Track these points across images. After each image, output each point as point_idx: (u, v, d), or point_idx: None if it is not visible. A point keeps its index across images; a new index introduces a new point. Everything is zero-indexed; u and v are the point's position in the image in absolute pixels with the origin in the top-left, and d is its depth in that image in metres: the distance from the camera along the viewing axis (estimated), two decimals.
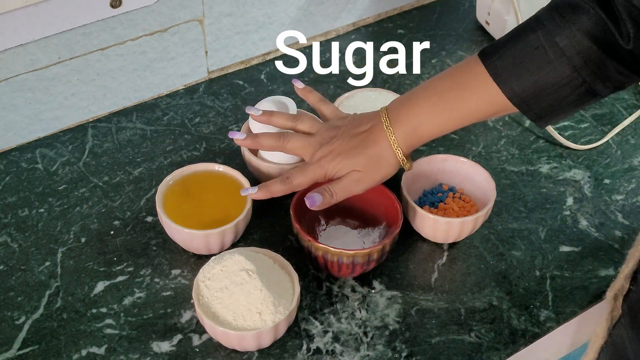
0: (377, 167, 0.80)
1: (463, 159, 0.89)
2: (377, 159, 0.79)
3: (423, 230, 0.86)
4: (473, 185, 0.89)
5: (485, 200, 0.86)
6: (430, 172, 0.89)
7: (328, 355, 0.77)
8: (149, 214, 0.89)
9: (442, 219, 0.83)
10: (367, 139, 0.79)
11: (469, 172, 0.89)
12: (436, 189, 0.89)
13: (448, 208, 0.86)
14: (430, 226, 0.84)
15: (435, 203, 0.87)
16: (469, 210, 0.86)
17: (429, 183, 0.89)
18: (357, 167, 0.79)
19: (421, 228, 0.86)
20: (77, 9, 0.89)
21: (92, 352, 0.76)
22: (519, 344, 0.79)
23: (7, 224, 0.87)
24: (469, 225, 0.83)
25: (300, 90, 0.90)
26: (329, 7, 1.12)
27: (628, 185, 0.95)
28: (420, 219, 0.84)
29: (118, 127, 1.00)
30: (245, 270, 0.76)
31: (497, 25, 1.15)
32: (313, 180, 0.81)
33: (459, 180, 0.90)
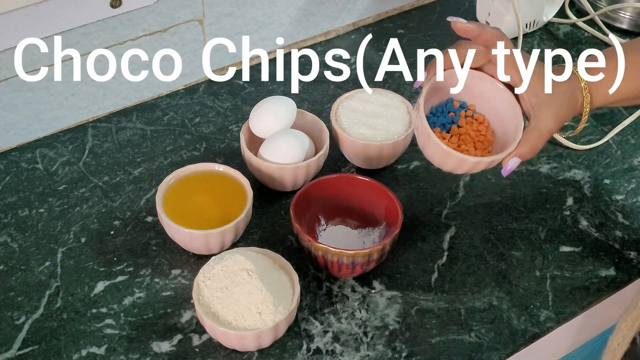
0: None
1: (481, 74, 0.78)
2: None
3: (432, 159, 0.77)
4: (489, 105, 0.79)
5: (502, 123, 0.78)
6: (441, 87, 0.78)
7: (328, 355, 0.77)
8: (149, 214, 0.89)
9: (455, 154, 0.74)
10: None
11: (485, 89, 0.78)
12: (446, 106, 0.79)
13: (463, 133, 0.78)
14: (441, 158, 0.75)
15: (447, 125, 0.78)
16: (484, 134, 0.78)
17: (436, 99, 0.79)
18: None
19: (430, 156, 0.76)
20: (77, 9, 0.89)
21: (92, 352, 0.76)
22: (519, 344, 0.79)
23: (7, 224, 0.87)
24: (483, 165, 0.76)
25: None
26: (329, 7, 1.12)
27: (628, 185, 0.95)
28: (432, 147, 0.75)
29: (118, 127, 1.00)
30: (245, 270, 0.76)
31: (497, 25, 1.14)
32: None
33: (472, 96, 0.79)
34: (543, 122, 0.74)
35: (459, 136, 0.78)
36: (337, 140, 0.93)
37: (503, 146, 0.77)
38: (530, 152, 0.75)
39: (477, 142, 0.78)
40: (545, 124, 0.74)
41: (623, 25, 1.19)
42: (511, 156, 0.74)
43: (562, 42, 1.16)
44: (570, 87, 0.76)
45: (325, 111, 1.02)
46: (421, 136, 0.75)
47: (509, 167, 0.75)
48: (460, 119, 0.78)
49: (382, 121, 0.92)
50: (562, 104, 0.75)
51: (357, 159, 0.93)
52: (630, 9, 1.18)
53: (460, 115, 0.79)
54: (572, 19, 1.19)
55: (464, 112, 0.79)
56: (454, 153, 0.73)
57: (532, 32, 1.17)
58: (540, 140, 0.75)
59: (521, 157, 0.75)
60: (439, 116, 0.78)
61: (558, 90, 0.75)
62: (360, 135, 0.91)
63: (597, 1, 1.21)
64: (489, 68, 0.77)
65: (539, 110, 0.74)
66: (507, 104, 0.77)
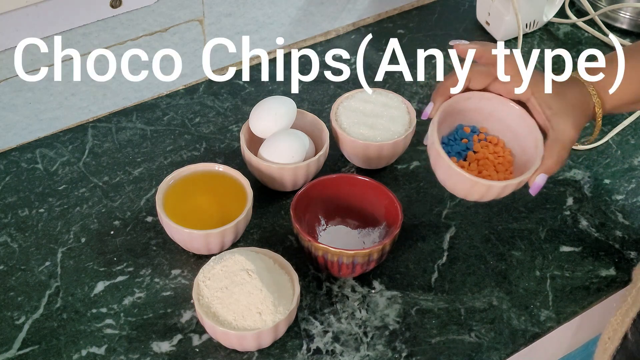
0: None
1: (489, 94, 0.75)
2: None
3: (455, 190, 0.74)
4: (501, 124, 0.76)
5: (519, 140, 0.75)
6: (449, 114, 0.75)
7: (328, 355, 0.77)
8: (149, 214, 0.89)
9: (482, 182, 0.70)
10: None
11: (495, 109, 0.76)
12: (457, 133, 0.77)
13: (481, 158, 0.75)
14: (466, 188, 0.72)
15: (463, 152, 0.75)
16: (502, 155, 0.76)
17: (446, 128, 0.77)
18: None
19: (453, 188, 0.74)
20: (77, 9, 0.89)
21: (92, 352, 0.76)
22: (519, 344, 0.79)
23: (7, 224, 0.87)
24: (511, 188, 0.73)
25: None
26: (329, 7, 1.12)
27: (628, 185, 0.95)
28: (455, 178, 0.71)
29: (118, 127, 1.00)
30: (245, 270, 0.76)
31: (497, 25, 1.15)
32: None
33: (482, 118, 0.77)
34: (563, 132, 0.73)
35: (477, 162, 0.75)
36: (337, 140, 0.93)
37: (525, 164, 0.74)
38: (556, 165, 0.73)
39: (497, 165, 0.75)
40: (566, 133, 0.73)
41: (623, 25, 1.19)
42: (537, 173, 0.72)
43: (562, 42, 1.16)
44: (580, 94, 0.75)
45: (325, 111, 1.02)
46: (440, 169, 0.72)
47: (536, 185, 0.73)
48: (475, 144, 0.76)
49: (382, 121, 0.92)
50: (576, 110, 0.74)
51: (357, 159, 0.93)
52: (630, 9, 1.18)
53: (473, 140, 0.76)
54: (572, 19, 1.19)
55: (476, 136, 0.77)
56: (480, 181, 0.70)
57: (532, 32, 1.17)
58: (564, 152, 0.73)
59: (548, 172, 0.73)
60: (452, 145, 0.75)
61: (569, 98, 0.74)
62: (360, 135, 0.91)
63: (597, 1, 1.21)
64: (496, 86, 0.75)
65: (556, 121, 0.73)
66: (520, 120, 0.75)
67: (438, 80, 0.76)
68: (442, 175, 0.73)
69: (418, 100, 1.05)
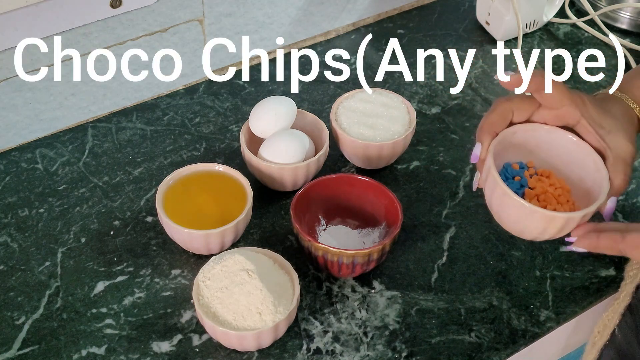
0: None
1: (533, 125, 0.72)
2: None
3: (526, 232, 0.70)
4: (550, 153, 0.73)
5: (573, 167, 0.72)
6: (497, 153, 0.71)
7: (328, 355, 0.77)
8: (149, 214, 0.89)
9: (560, 215, 0.67)
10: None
11: (543, 139, 0.73)
12: (507, 171, 0.73)
13: (541, 193, 0.71)
14: (541, 226, 0.68)
15: (519, 191, 0.71)
16: (560, 186, 0.72)
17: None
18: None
19: (524, 230, 0.70)
20: (77, 9, 0.89)
21: (92, 352, 0.76)
22: (519, 344, 0.79)
23: (7, 224, 0.87)
24: (588, 217, 0.69)
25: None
26: (329, 7, 1.12)
27: (628, 186, 0.95)
28: (529, 218, 0.68)
29: (118, 127, 1.00)
30: (245, 270, 0.76)
31: (497, 25, 1.15)
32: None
33: (528, 152, 0.73)
34: (622, 149, 0.70)
35: (537, 198, 0.71)
36: (337, 140, 0.93)
37: (586, 190, 0.72)
38: (624, 185, 0.70)
39: (558, 197, 0.72)
40: (625, 149, 0.70)
41: (623, 25, 1.19)
42: (608, 196, 0.69)
43: (562, 42, 1.16)
44: (624, 108, 0.73)
45: (325, 111, 1.02)
46: (510, 212, 0.68)
47: (609, 210, 0.70)
48: (529, 180, 0.72)
49: (382, 121, 0.92)
50: (627, 125, 0.72)
51: (357, 158, 0.93)
52: (630, 9, 1.18)
53: (525, 176, 0.73)
54: (572, 19, 1.19)
55: (526, 172, 0.73)
56: (559, 215, 0.67)
57: (532, 32, 1.17)
58: (628, 169, 0.70)
59: (617, 193, 0.70)
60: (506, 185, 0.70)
61: (616, 114, 0.72)
62: (360, 135, 0.91)
63: (597, 1, 1.21)
64: (540, 115, 0.72)
65: (611, 139, 0.70)
66: (573, 146, 0.72)
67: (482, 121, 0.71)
68: (511, 218, 0.69)
69: (418, 100, 1.05)
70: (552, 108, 0.71)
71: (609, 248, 0.66)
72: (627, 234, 0.65)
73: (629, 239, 0.65)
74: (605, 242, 0.66)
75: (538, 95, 0.71)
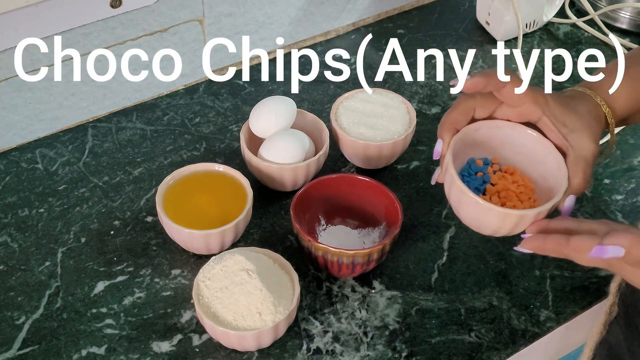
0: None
1: (497, 122, 0.72)
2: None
3: (483, 228, 0.70)
4: (514, 151, 0.73)
5: (535, 165, 0.72)
6: (459, 149, 0.72)
7: (328, 355, 0.77)
8: (149, 214, 0.89)
9: (513, 213, 0.67)
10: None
11: (507, 136, 0.73)
12: (470, 167, 0.73)
13: (502, 189, 0.71)
14: (496, 223, 0.68)
15: (480, 187, 0.72)
16: (522, 183, 0.72)
17: (457, 164, 0.72)
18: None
19: (480, 226, 0.70)
20: (77, 9, 0.89)
21: (92, 352, 0.76)
22: (519, 344, 0.79)
23: (7, 224, 0.87)
24: (543, 215, 0.68)
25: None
26: (329, 7, 1.12)
27: (628, 185, 0.95)
28: (484, 214, 0.68)
29: (118, 127, 1.00)
30: (245, 270, 0.76)
31: (497, 25, 1.15)
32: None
33: (492, 149, 0.73)
34: (583, 148, 0.69)
35: (498, 194, 0.71)
36: (337, 140, 0.93)
37: (548, 189, 0.71)
38: (584, 184, 0.69)
39: (520, 195, 0.71)
40: (587, 149, 0.69)
41: (623, 25, 1.19)
42: (566, 195, 0.69)
43: (562, 42, 1.16)
44: (591, 106, 0.73)
45: (325, 111, 1.02)
46: (466, 208, 0.68)
47: (567, 208, 0.69)
48: (492, 176, 0.72)
49: (382, 121, 0.92)
50: (591, 124, 0.71)
51: (357, 158, 0.93)
52: (630, 9, 1.18)
53: (488, 173, 0.72)
54: (572, 19, 1.19)
55: (490, 168, 0.73)
56: (513, 212, 0.66)
57: (532, 32, 1.17)
58: (588, 168, 0.69)
59: (576, 192, 0.69)
60: (467, 181, 0.71)
61: (582, 112, 0.71)
62: (360, 135, 0.91)
63: (597, 1, 1.21)
64: (503, 112, 0.72)
65: (573, 138, 0.70)
66: (536, 144, 0.72)
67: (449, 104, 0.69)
68: (468, 214, 0.69)
69: (418, 100, 1.05)
70: (513, 105, 0.71)
71: (554, 251, 0.64)
72: (572, 239, 0.62)
73: (573, 243, 0.62)
74: (551, 245, 0.64)
75: (498, 93, 0.70)
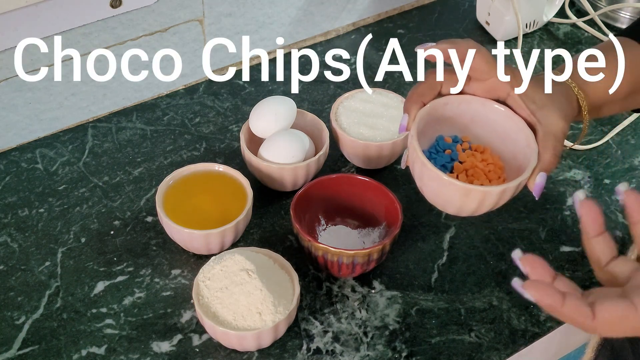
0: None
1: (467, 97, 0.69)
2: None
3: (447, 205, 0.67)
4: (485, 128, 0.70)
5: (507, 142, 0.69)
6: (427, 124, 0.68)
7: (328, 355, 0.77)
8: (149, 214, 0.89)
9: (475, 188, 0.64)
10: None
11: (477, 112, 0.70)
12: (438, 144, 0.70)
13: (470, 167, 0.68)
14: (459, 199, 0.65)
15: (448, 165, 0.68)
16: (492, 162, 0.69)
17: (425, 141, 0.69)
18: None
19: (445, 203, 0.67)
20: (77, 9, 0.89)
21: (92, 352, 0.76)
22: (519, 344, 0.79)
23: (7, 224, 0.87)
24: (509, 193, 0.66)
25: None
26: (329, 7, 1.12)
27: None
28: (446, 190, 0.64)
29: (118, 127, 1.00)
30: (245, 270, 0.76)
31: (497, 25, 1.15)
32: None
33: (462, 126, 0.70)
34: (552, 124, 0.68)
35: (465, 172, 0.68)
36: (337, 140, 0.93)
37: (518, 167, 0.68)
38: (554, 160, 0.67)
39: (488, 173, 0.69)
40: (556, 125, 0.68)
41: (623, 25, 1.19)
42: (536, 172, 0.66)
43: (562, 42, 1.16)
44: (560, 86, 0.71)
45: (325, 111, 1.02)
46: (428, 184, 0.65)
47: (538, 186, 0.67)
48: (460, 154, 0.69)
49: (382, 121, 0.92)
50: (561, 101, 0.69)
51: (357, 158, 0.93)
52: (630, 9, 1.18)
53: (457, 150, 0.69)
54: (572, 19, 1.19)
55: (459, 145, 0.70)
56: (476, 188, 0.63)
57: (532, 32, 1.17)
58: (558, 145, 0.67)
59: (546, 169, 0.67)
60: (435, 158, 0.68)
61: (552, 89, 0.70)
62: (360, 135, 0.91)
63: (597, 1, 1.21)
64: (472, 87, 0.70)
65: (542, 114, 0.68)
66: (506, 120, 0.69)
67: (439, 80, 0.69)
68: (431, 190, 0.66)
69: None
70: (481, 79, 0.69)
71: (574, 321, 0.54)
72: (598, 309, 0.54)
73: (602, 316, 0.53)
74: (571, 313, 0.54)
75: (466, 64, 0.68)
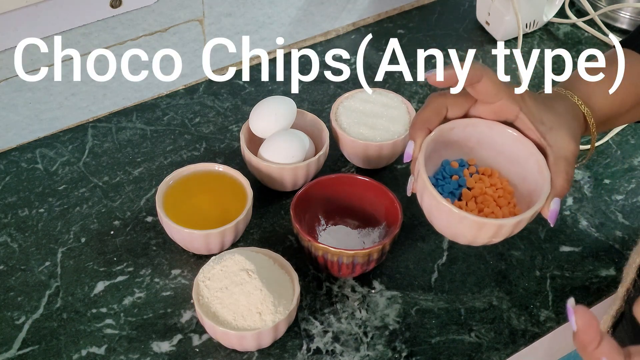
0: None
1: (472, 120, 0.66)
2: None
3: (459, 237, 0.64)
4: (492, 152, 0.67)
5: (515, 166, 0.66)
6: (433, 150, 0.66)
7: (328, 355, 0.77)
8: (149, 214, 0.89)
9: (490, 222, 0.61)
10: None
11: (484, 135, 0.66)
12: (445, 170, 0.67)
13: (479, 194, 0.65)
14: (472, 232, 0.62)
15: (456, 192, 0.66)
16: (501, 186, 0.67)
17: (430, 167, 0.66)
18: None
19: (457, 236, 0.64)
20: (77, 9, 0.89)
21: (92, 352, 0.76)
22: (519, 344, 0.79)
23: (7, 224, 0.87)
24: (524, 223, 0.64)
25: None
26: (329, 7, 1.12)
27: (628, 185, 0.95)
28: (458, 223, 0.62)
29: (118, 127, 1.00)
30: (245, 270, 0.76)
31: (497, 25, 1.15)
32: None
33: (468, 149, 0.67)
34: (564, 148, 0.65)
35: (474, 200, 0.66)
36: (337, 140, 0.93)
37: (529, 192, 0.66)
38: (567, 185, 0.64)
39: (498, 199, 0.66)
40: (567, 148, 0.65)
41: (623, 25, 1.19)
42: (550, 199, 0.64)
43: (562, 42, 1.16)
44: (568, 105, 0.69)
45: (325, 111, 1.02)
46: (439, 217, 0.63)
47: (553, 213, 0.64)
48: (468, 179, 0.66)
49: (382, 121, 0.92)
50: (570, 122, 0.67)
51: (357, 158, 0.93)
52: (630, 9, 1.18)
53: (464, 176, 0.67)
54: (572, 19, 1.19)
55: (466, 170, 0.67)
56: (489, 222, 0.61)
57: (532, 32, 1.17)
58: (570, 168, 0.65)
59: (560, 195, 0.64)
60: (442, 185, 0.66)
61: (559, 110, 0.67)
62: (360, 135, 0.91)
63: (597, 1, 1.21)
64: (478, 110, 0.67)
65: (552, 137, 0.65)
66: (515, 143, 0.66)
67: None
68: (442, 223, 0.63)
69: (418, 100, 1.05)
70: (488, 102, 0.65)
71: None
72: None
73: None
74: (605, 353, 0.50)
75: (472, 89, 0.65)
